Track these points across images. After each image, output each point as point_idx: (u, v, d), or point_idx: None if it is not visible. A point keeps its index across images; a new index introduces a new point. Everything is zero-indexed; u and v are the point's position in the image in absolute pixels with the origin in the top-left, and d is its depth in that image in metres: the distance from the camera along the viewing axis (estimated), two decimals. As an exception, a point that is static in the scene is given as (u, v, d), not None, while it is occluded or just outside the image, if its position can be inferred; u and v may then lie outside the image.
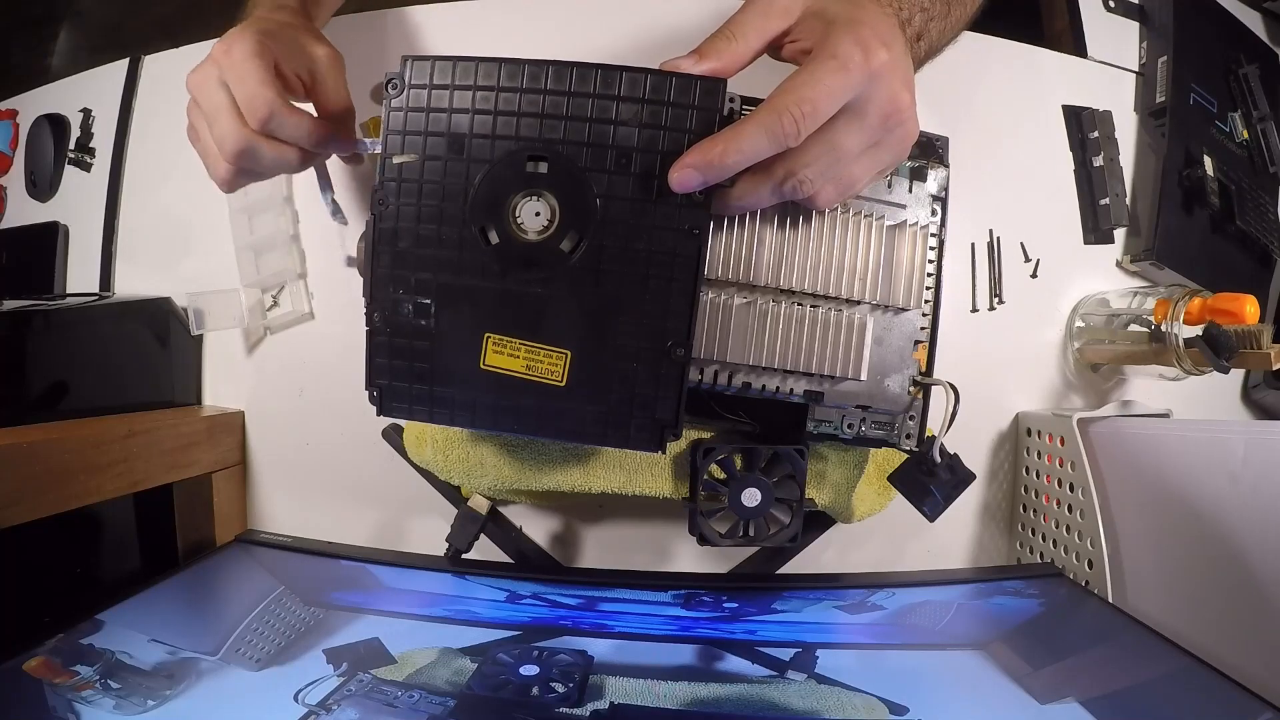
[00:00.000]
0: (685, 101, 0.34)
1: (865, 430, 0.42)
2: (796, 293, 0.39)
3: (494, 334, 0.36)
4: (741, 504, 0.46)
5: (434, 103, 0.35)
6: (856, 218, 0.39)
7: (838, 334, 0.39)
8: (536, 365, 0.36)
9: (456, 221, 0.35)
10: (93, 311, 0.60)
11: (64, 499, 0.46)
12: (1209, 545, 0.46)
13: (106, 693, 0.36)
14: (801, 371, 0.40)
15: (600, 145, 0.34)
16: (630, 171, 0.34)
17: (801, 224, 0.39)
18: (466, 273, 0.36)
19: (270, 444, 0.63)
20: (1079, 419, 0.55)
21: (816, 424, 0.42)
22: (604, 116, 0.34)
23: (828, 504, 0.51)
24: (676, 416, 0.36)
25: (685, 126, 0.34)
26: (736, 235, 0.39)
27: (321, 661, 0.40)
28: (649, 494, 0.50)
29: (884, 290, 0.40)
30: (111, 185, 0.68)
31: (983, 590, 0.55)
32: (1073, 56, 0.67)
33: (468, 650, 0.42)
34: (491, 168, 0.35)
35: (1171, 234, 0.62)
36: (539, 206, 0.35)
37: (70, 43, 1.33)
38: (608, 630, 0.46)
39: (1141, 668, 0.42)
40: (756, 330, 0.39)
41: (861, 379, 0.40)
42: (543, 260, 0.35)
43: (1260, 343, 0.51)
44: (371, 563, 0.54)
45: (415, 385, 0.37)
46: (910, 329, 0.40)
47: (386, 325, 0.37)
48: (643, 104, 0.34)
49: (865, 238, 0.39)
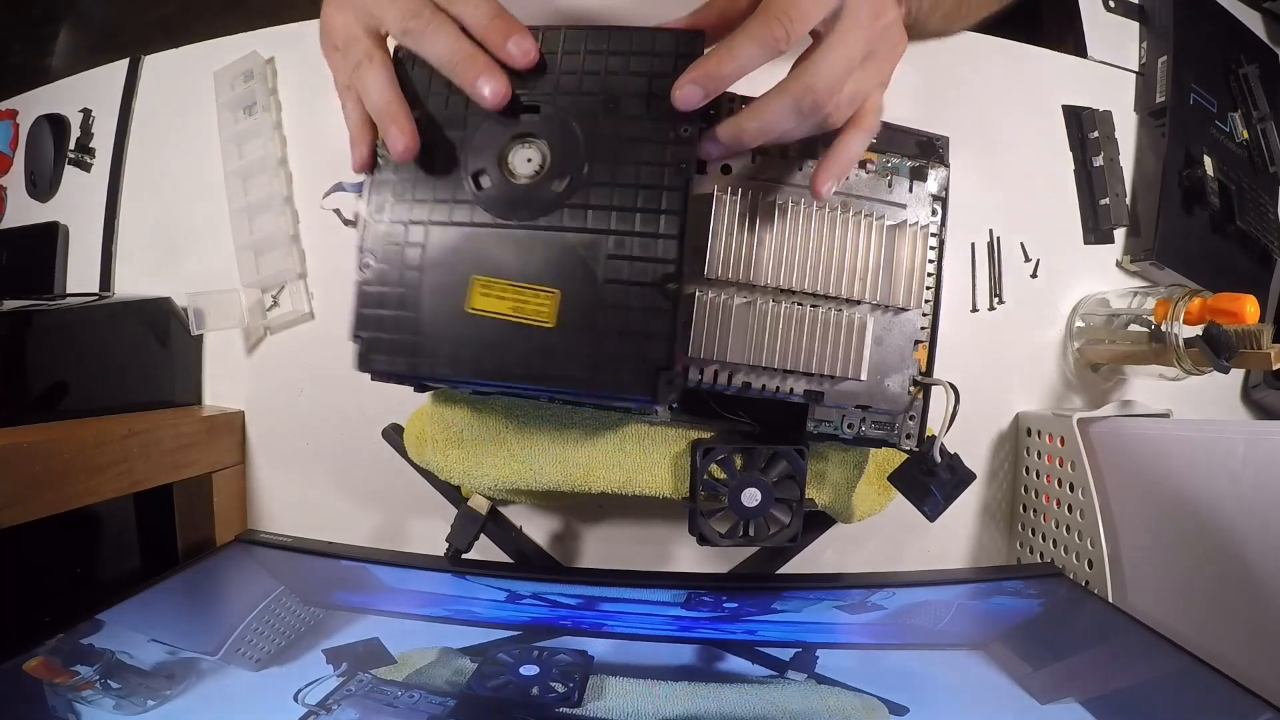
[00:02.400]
0: (669, 51, 0.35)
1: (865, 430, 0.42)
2: (796, 293, 0.39)
3: (481, 276, 0.36)
4: (741, 504, 0.46)
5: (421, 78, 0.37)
6: (856, 217, 0.40)
7: (838, 334, 0.39)
8: (524, 306, 0.35)
9: (452, 171, 0.37)
10: (93, 311, 0.60)
11: (64, 499, 0.46)
12: (1209, 545, 0.46)
13: (106, 693, 0.36)
14: (801, 371, 0.40)
15: (590, 94, 0.36)
16: (620, 114, 0.36)
17: (802, 222, 0.39)
18: (458, 216, 0.36)
19: (270, 444, 0.63)
20: (1079, 419, 0.55)
21: (817, 424, 0.42)
22: (594, 69, 0.36)
23: (828, 504, 0.51)
24: (668, 355, 0.35)
25: (670, 71, 0.35)
26: (737, 236, 0.39)
27: (321, 661, 0.40)
28: (649, 494, 0.50)
29: (884, 290, 0.40)
30: (111, 185, 0.68)
31: (982, 590, 0.55)
32: (1073, 56, 0.67)
33: (468, 650, 0.42)
34: (485, 120, 0.36)
35: (1171, 234, 0.62)
36: (530, 153, 0.36)
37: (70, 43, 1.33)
38: (608, 630, 0.46)
39: (1141, 668, 0.42)
40: (756, 330, 0.39)
41: (862, 379, 0.40)
42: (534, 202, 0.36)
43: (1260, 343, 0.51)
44: (371, 563, 0.54)
45: (400, 335, 0.37)
46: (910, 329, 0.40)
47: (377, 276, 0.37)
48: (629, 55, 0.36)
49: (865, 237, 0.39)
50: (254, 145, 0.64)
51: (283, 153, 0.64)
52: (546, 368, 0.36)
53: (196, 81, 0.66)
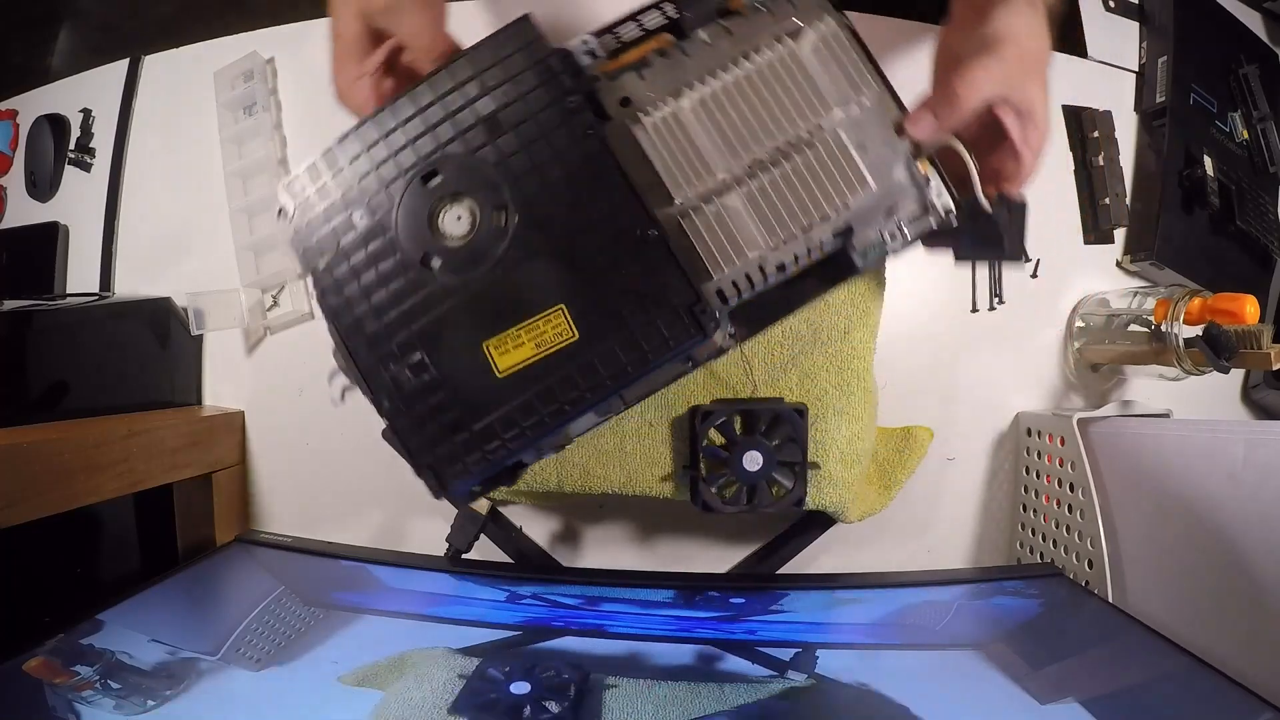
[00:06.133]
0: (510, 52, 0.36)
1: (909, 229, 0.39)
2: (763, 161, 0.38)
3: (490, 340, 0.35)
4: (743, 468, 0.45)
5: (325, 202, 0.38)
6: (761, 60, 0.38)
7: (824, 164, 0.38)
8: (543, 337, 0.35)
9: (398, 271, 0.36)
10: (93, 311, 0.60)
11: (64, 499, 0.46)
12: (1209, 545, 0.46)
13: (106, 693, 0.36)
14: (818, 220, 0.38)
15: (470, 127, 0.36)
16: (506, 127, 0.36)
17: (720, 101, 0.38)
18: (432, 306, 0.36)
19: (270, 444, 0.63)
20: (1079, 419, 0.55)
21: (864, 255, 0.39)
22: (462, 104, 0.36)
23: (828, 504, 0.51)
24: (691, 290, 0.35)
25: (520, 71, 0.36)
26: (676, 149, 0.38)
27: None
28: (649, 494, 0.50)
29: (828, 97, 0.38)
30: (111, 185, 0.68)
31: (982, 590, 0.55)
32: (1073, 56, 0.67)
33: (468, 650, 0.42)
34: (396, 209, 0.36)
35: (1171, 234, 0.62)
36: (456, 212, 0.36)
37: (70, 43, 1.33)
38: (608, 630, 0.46)
39: (1141, 668, 0.42)
40: (755, 215, 0.38)
41: (872, 188, 0.38)
42: (486, 246, 0.36)
43: (1260, 343, 0.51)
44: (371, 563, 0.54)
45: (456, 438, 0.36)
46: (879, 115, 0.38)
47: (399, 404, 0.36)
48: (479, 75, 0.36)
49: (781, 71, 0.38)
50: (254, 145, 0.64)
51: (283, 153, 0.64)
52: (599, 374, 0.35)
53: (196, 81, 0.66)
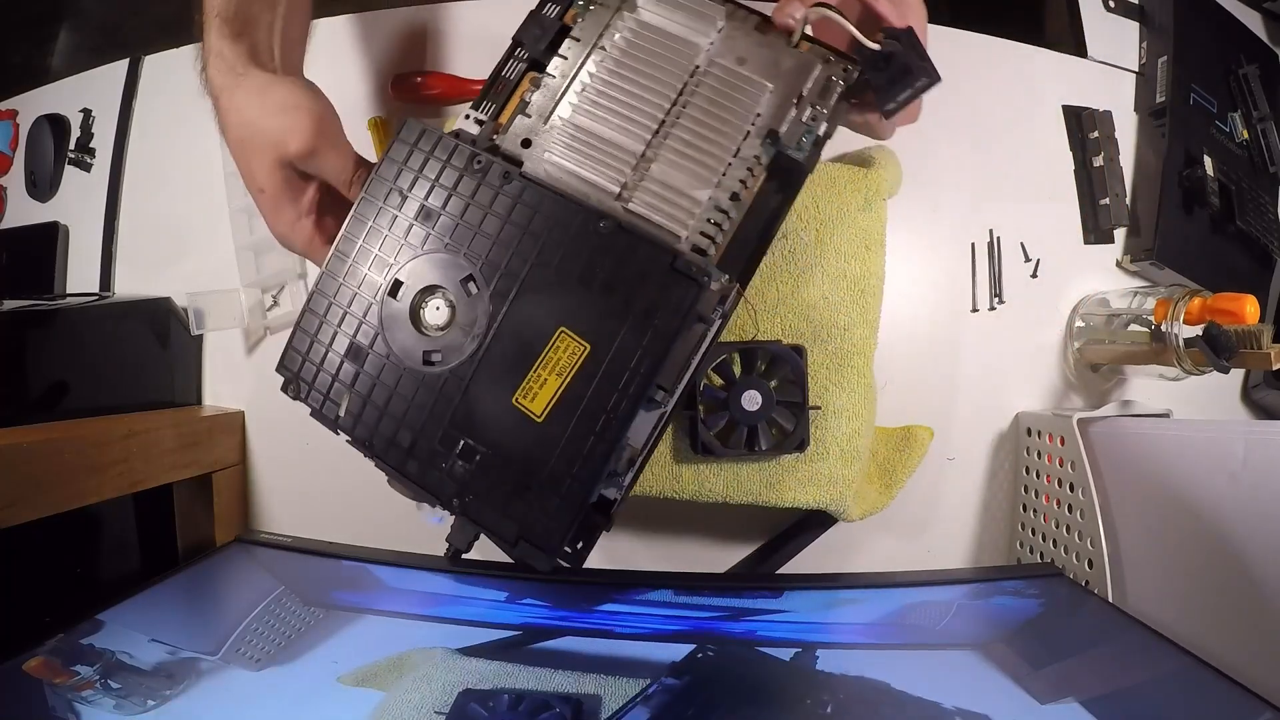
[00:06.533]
0: (408, 153, 0.38)
1: (821, 104, 0.38)
2: (670, 110, 0.38)
3: (517, 393, 0.35)
4: (742, 407, 0.45)
5: (321, 357, 0.41)
6: (614, 43, 0.39)
7: (720, 91, 0.38)
8: (561, 364, 0.35)
9: (410, 381, 0.37)
10: (93, 311, 0.60)
11: (64, 499, 0.46)
12: (1209, 545, 0.46)
13: (106, 693, 0.36)
14: (741, 140, 0.37)
15: (409, 228, 0.38)
16: (440, 212, 0.37)
17: (597, 95, 0.38)
18: (452, 394, 0.36)
19: (270, 444, 0.63)
20: (1079, 419, 0.55)
21: (799, 148, 0.38)
22: (393, 215, 0.38)
23: (828, 503, 0.51)
24: (667, 249, 0.35)
25: (424, 162, 0.38)
26: (595, 153, 0.38)
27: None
28: (649, 494, 0.50)
29: (685, 40, 0.38)
30: (111, 185, 0.68)
31: (982, 590, 0.55)
32: (1073, 56, 0.67)
33: (468, 650, 0.42)
34: (382, 333, 0.38)
35: (1171, 234, 0.62)
36: (433, 304, 0.37)
37: (70, 43, 1.33)
38: (607, 631, 0.46)
39: (1141, 668, 0.42)
40: (687, 162, 0.37)
41: (769, 87, 0.38)
42: (474, 319, 0.36)
43: (1260, 343, 0.51)
44: (371, 563, 0.54)
45: (529, 496, 0.36)
46: (741, 28, 0.39)
47: (465, 493, 0.37)
48: (396, 181, 0.38)
49: (634, 44, 0.39)
50: (254, 145, 0.64)
51: (283, 153, 0.64)
52: (626, 367, 0.34)
53: (196, 81, 0.66)
